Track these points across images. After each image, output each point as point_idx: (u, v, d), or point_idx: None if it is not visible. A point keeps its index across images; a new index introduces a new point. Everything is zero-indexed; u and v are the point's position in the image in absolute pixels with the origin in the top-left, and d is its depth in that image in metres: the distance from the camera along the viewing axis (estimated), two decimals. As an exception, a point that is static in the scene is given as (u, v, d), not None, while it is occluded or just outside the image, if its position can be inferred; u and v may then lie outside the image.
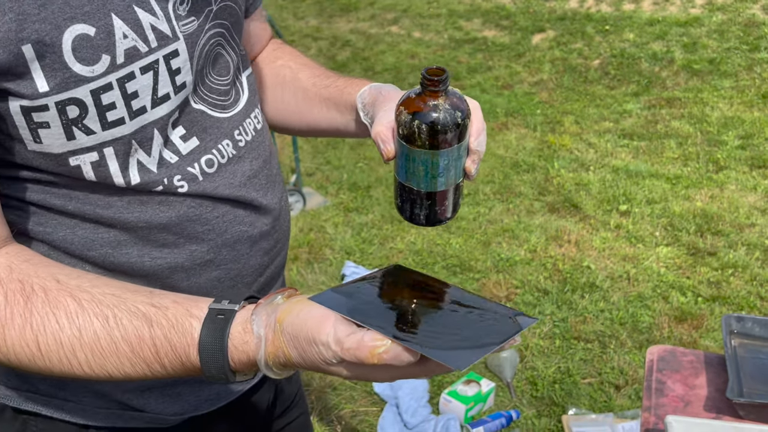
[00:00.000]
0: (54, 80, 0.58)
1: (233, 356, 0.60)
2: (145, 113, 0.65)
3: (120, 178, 0.66)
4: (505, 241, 3.18)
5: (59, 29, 0.57)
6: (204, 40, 0.70)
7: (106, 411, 0.77)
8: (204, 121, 0.72)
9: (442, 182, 0.68)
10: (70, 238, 0.68)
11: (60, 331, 0.59)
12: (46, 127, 0.60)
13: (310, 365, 0.58)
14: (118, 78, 0.62)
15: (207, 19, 0.70)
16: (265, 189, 0.79)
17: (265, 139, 0.82)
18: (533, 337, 2.49)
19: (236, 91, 0.78)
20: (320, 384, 2.27)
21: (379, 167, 4.14)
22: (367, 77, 6.13)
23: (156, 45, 0.64)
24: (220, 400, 0.84)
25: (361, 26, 7.31)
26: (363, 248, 3.17)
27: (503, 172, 3.97)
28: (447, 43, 6.61)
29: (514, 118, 4.91)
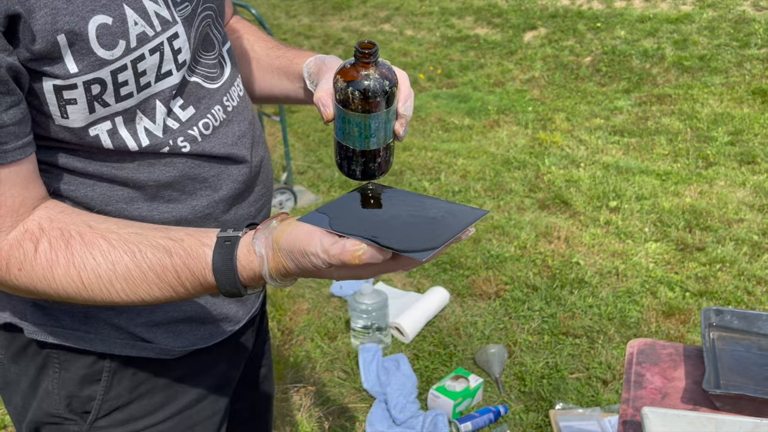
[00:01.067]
0: (82, 63, 0.69)
1: (242, 274, 0.70)
2: (149, 87, 0.75)
3: (132, 142, 0.77)
4: (495, 237, 3.19)
5: (84, 20, 0.67)
6: (197, 22, 0.80)
7: (122, 341, 0.87)
8: (198, 92, 0.83)
9: (374, 142, 0.77)
10: (90, 195, 0.79)
11: (97, 266, 0.70)
12: (73, 103, 0.71)
13: (306, 272, 0.68)
14: (132, 60, 0.72)
15: (199, 3, 0.80)
16: (252, 147, 0.90)
17: (248, 104, 0.93)
18: (522, 332, 2.50)
19: (221, 64, 0.88)
20: (309, 382, 2.28)
21: (371, 165, 4.15)
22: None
23: (160, 29, 0.74)
24: (213, 338, 0.94)
25: (353, 24, 7.31)
26: (353, 246, 3.18)
27: (494, 169, 3.98)
28: (439, 41, 6.62)
29: (506, 115, 4.92)
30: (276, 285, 0.72)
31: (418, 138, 4.58)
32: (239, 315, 0.97)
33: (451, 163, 4.11)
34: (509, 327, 2.54)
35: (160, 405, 0.92)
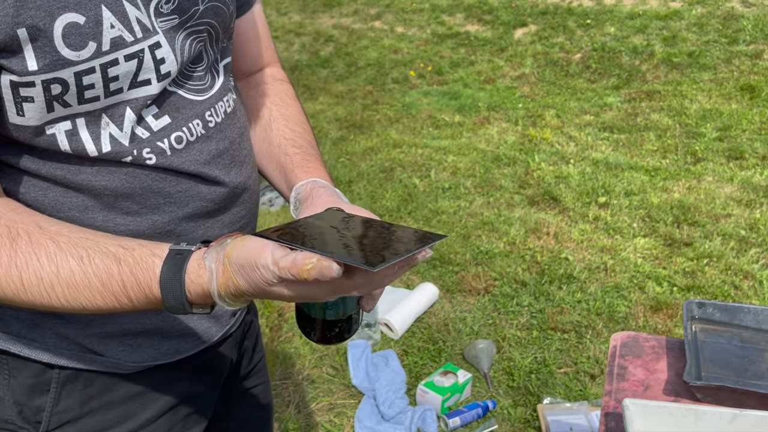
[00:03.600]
0: (43, 61, 0.65)
1: (189, 289, 0.66)
2: (120, 93, 0.71)
3: (92, 146, 0.72)
4: (485, 234, 3.20)
5: (52, 17, 0.63)
6: (185, 35, 0.76)
7: (69, 352, 0.83)
8: (177, 102, 0.78)
9: (331, 314, 0.72)
10: (41, 200, 0.74)
11: (40, 268, 0.66)
12: (30, 101, 0.67)
13: (256, 289, 0.64)
14: (102, 63, 0.68)
15: (191, 18, 0.76)
16: (229, 168, 0.84)
17: (236, 122, 0.87)
18: (510, 328, 2.51)
19: (212, 77, 0.83)
20: (298, 378, 2.28)
21: (361, 162, 4.15)
22: (350, 72, 6.10)
23: (141, 36, 0.70)
24: (179, 353, 0.89)
25: (344, 21, 7.30)
26: (343, 242, 3.18)
27: (484, 166, 3.99)
28: (430, 38, 6.62)
29: (496, 112, 4.92)
30: (225, 305, 0.67)
31: (408, 135, 4.59)
32: (211, 332, 0.92)
33: (441, 160, 4.11)
34: (498, 322, 2.55)
35: (116, 422, 0.86)
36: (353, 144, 4.45)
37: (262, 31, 0.97)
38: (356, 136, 4.59)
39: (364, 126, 4.79)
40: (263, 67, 0.98)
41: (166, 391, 0.89)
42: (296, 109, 0.95)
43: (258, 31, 0.96)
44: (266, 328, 2.53)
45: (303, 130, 0.92)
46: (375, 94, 5.51)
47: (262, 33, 0.97)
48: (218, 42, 0.83)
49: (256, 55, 0.96)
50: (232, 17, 0.86)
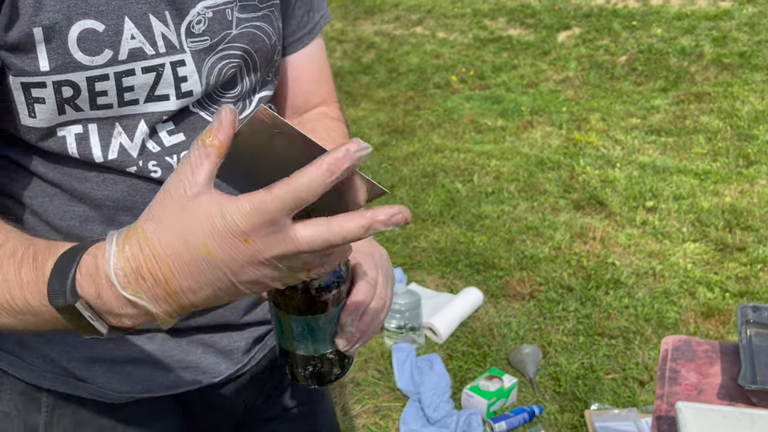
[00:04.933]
0: (55, 62, 0.64)
1: (81, 284, 0.51)
2: (135, 105, 0.69)
3: (99, 151, 0.70)
4: (529, 238, 3.18)
5: (69, 21, 0.63)
6: (215, 58, 0.74)
7: (53, 376, 0.79)
8: (196, 123, 0.75)
9: (301, 347, 0.62)
10: (47, 206, 0.72)
11: None
12: (41, 102, 0.66)
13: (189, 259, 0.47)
14: (117, 71, 0.67)
15: (222, 41, 0.74)
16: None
17: None
18: (556, 333, 2.49)
19: (243, 106, 0.81)
20: (344, 380, 2.30)
21: (403, 167, 4.16)
22: (391, 78, 6.13)
23: (164, 51, 0.69)
24: (176, 387, 0.81)
25: (385, 28, 7.35)
26: (386, 246, 3.19)
27: (528, 170, 3.96)
28: (471, 43, 6.61)
29: (540, 116, 4.88)
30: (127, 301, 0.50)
31: (450, 140, 4.59)
32: (219, 368, 0.83)
33: (484, 165, 4.10)
34: (544, 328, 2.52)
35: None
36: (395, 149, 4.47)
37: (318, 70, 0.93)
38: (398, 142, 4.61)
39: (406, 131, 4.81)
40: (317, 106, 0.94)
41: (158, 427, 0.84)
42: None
43: (313, 70, 0.93)
44: (312, 330, 2.57)
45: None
46: (417, 100, 5.53)
47: (318, 71, 0.94)
48: (256, 72, 0.81)
49: (309, 93, 0.93)
50: (274, 50, 0.83)
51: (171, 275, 0.48)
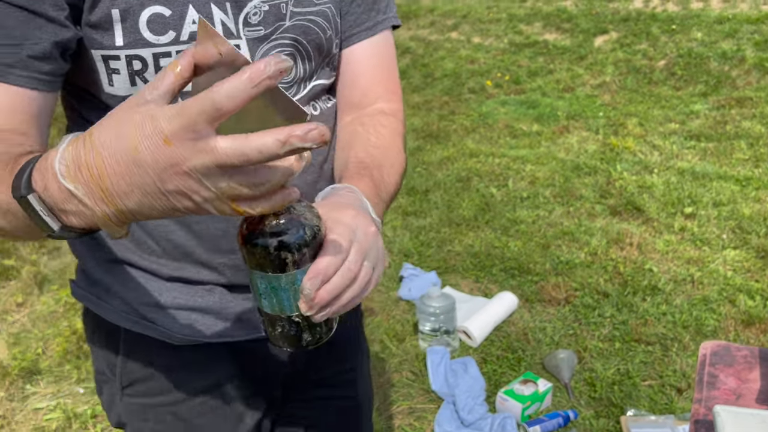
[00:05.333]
0: (127, 39, 0.74)
1: (35, 178, 0.55)
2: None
3: None
4: (565, 244, 3.16)
5: (142, 6, 0.74)
6: (269, 46, 0.82)
7: (127, 316, 0.90)
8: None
9: (266, 305, 0.63)
10: None
11: None
12: (117, 73, 0.77)
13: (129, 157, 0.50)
14: (178, 50, 0.76)
15: (276, 31, 0.82)
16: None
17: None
18: (592, 339, 2.47)
19: (296, 90, 0.87)
20: (379, 380, 2.33)
21: (438, 172, 4.18)
22: (426, 83, 6.14)
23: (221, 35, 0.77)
24: (230, 337, 0.90)
25: (420, 33, 7.38)
26: (421, 251, 3.22)
27: (564, 175, 3.94)
28: (507, 48, 6.59)
29: (576, 121, 4.85)
30: (69, 193, 0.53)
31: (485, 145, 4.59)
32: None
33: (519, 170, 4.09)
34: (579, 333, 2.51)
35: (174, 386, 0.92)
36: (429, 154, 4.49)
37: (377, 66, 0.93)
38: (432, 146, 4.63)
39: (441, 136, 4.83)
40: (376, 101, 0.93)
41: (213, 370, 0.92)
42: (386, 140, 0.88)
43: (371, 66, 0.93)
44: (347, 332, 2.60)
45: (380, 154, 0.85)
46: (451, 105, 5.54)
47: (377, 68, 0.93)
48: (310, 61, 0.87)
49: (366, 88, 0.93)
50: (330, 42, 0.88)
51: (104, 171, 0.51)
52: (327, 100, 0.93)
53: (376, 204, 0.76)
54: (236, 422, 0.94)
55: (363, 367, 1.12)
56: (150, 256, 0.88)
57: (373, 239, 0.65)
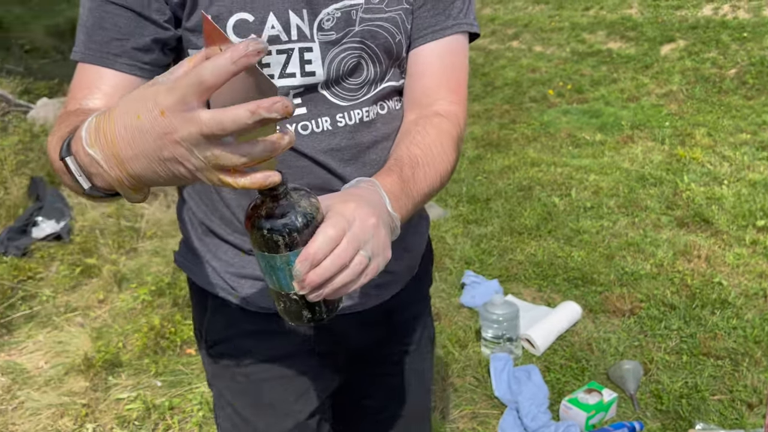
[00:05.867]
0: None
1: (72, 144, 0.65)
2: (272, 79, 0.87)
3: None
4: (630, 255, 3.13)
5: (230, 12, 0.84)
6: (339, 49, 0.89)
7: (214, 283, 1.01)
8: (318, 100, 0.90)
9: (269, 281, 0.70)
10: None
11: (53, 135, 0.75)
12: None
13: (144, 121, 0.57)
14: None
15: (346, 35, 0.89)
16: (347, 163, 0.93)
17: (372, 131, 0.94)
18: (658, 351, 2.44)
19: (364, 92, 0.93)
20: (443, 384, 2.37)
21: (498, 180, 4.19)
22: (487, 92, 6.15)
23: (296, 38, 0.86)
24: None
25: (481, 42, 7.39)
26: (482, 258, 3.24)
27: (628, 185, 3.89)
28: (569, 57, 6.54)
29: (641, 131, 4.77)
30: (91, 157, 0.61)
31: (547, 154, 4.57)
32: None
33: (582, 179, 4.06)
34: (645, 345, 2.49)
35: (248, 351, 1.01)
36: (490, 162, 4.51)
37: (442, 66, 0.95)
38: (493, 155, 4.64)
39: (501, 145, 4.83)
40: (437, 102, 0.95)
41: (284, 341, 1.00)
42: (430, 140, 0.90)
43: (435, 66, 0.95)
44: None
45: (420, 153, 0.88)
46: (512, 113, 5.53)
47: (442, 67, 0.95)
48: (381, 64, 0.93)
49: (427, 88, 0.95)
50: (399, 46, 0.93)
51: (115, 138, 0.59)
52: (397, 101, 0.99)
53: (398, 199, 0.79)
54: (301, 394, 1.02)
55: (422, 347, 1.17)
56: (234, 232, 0.97)
57: (371, 230, 0.69)
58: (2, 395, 2.43)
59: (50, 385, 2.47)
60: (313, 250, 0.65)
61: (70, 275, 3.19)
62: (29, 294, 3.05)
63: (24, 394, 2.42)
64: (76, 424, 2.28)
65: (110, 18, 0.82)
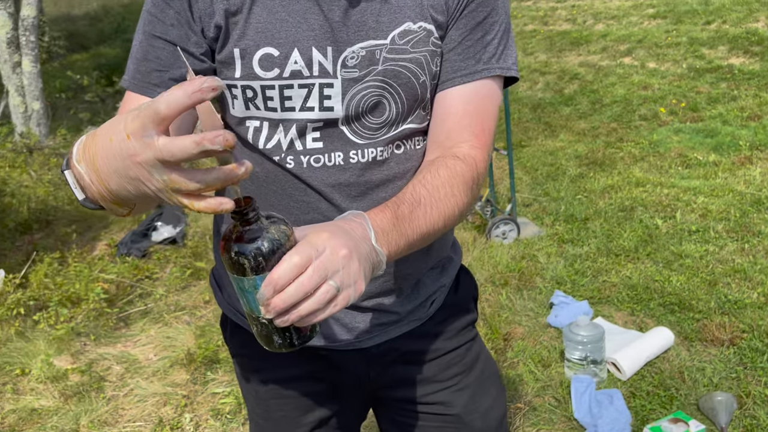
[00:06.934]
0: (243, 72, 0.90)
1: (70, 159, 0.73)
2: (293, 111, 0.92)
3: (262, 141, 0.95)
4: (735, 282, 2.95)
5: (257, 47, 0.89)
6: (361, 86, 0.91)
7: (230, 309, 1.09)
8: (335, 136, 0.93)
9: (242, 303, 0.72)
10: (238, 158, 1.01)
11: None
12: (236, 98, 0.93)
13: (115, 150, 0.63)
14: (280, 84, 0.90)
15: (369, 74, 0.91)
16: (353, 199, 0.95)
17: (384, 169, 0.96)
18: (758, 384, 2.29)
19: (384, 132, 0.95)
20: (520, 403, 2.35)
21: (599, 200, 4.08)
22: (594, 110, 6.02)
23: (317, 74, 0.90)
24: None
25: (591, 59, 7.21)
26: (575, 279, 3.17)
27: (741, 209, 3.66)
28: (685, 73, 6.23)
29: (761, 151, 4.47)
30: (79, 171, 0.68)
31: (654, 174, 4.39)
32: (341, 336, 1.02)
33: (689, 201, 3.87)
34: (743, 377, 2.34)
35: (258, 369, 1.09)
36: (592, 181, 4.39)
37: (468, 110, 0.95)
38: (596, 174, 4.52)
39: (606, 163, 4.69)
40: (459, 144, 0.94)
41: (289, 366, 1.07)
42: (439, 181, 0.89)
43: (461, 108, 0.95)
44: (492, 351, 2.65)
45: (425, 193, 0.88)
46: (620, 132, 5.36)
47: (468, 111, 0.95)
48: (402, 104, 0.93)
49: (451, 130, 0.95)
50: (424, 87, 0.94)
51: (96, 154, 0.66)
52: (417, 143, 0.99)
53: (387, 234, 0.79)
54: (303, 412, 1.10)
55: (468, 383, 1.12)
56: None
57: (342, 261, 0.69)
58: (116, 382, 2.70)
59: (156, 376, 2.71)
60: (276, 275, 0.67)
61: (181, 276, 3.48)
62: (145, 292, 3.36)
63: (134, 382, 2.68)
64: (176, 412, 2.48)
65: (154, 51, 0.90)
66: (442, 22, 0.93)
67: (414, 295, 1.06)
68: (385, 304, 1.03)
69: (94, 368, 2.78)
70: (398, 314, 1.04)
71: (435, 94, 0.97)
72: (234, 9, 0.89)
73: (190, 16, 0.89)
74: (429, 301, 1.08)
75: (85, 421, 2.45)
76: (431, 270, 1.08)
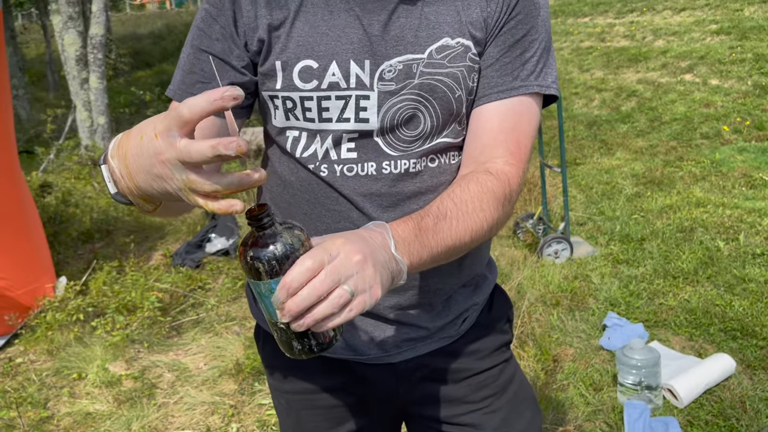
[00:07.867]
0: (284, 83, 0.93)
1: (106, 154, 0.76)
2: (330, 123, 0.94)
3: (300, 150, 0.97)
4: (803, 308, 2.79)
5: (297, 59, 0.92)
6: (397, 99, 0.92)
7: (261, 318, 1.12)
8: (370, 147, 0.95)
9: (262, 308, 0.73)
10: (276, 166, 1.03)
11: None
12: (278, 109, 0.96)
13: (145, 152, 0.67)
14: (318, 95, 0.92)
15: (405, 87, 0.92)
16: (385, 209, 0.97)
17: (416, 181, 0.96)
18: (828, 419, 2.16)
19: (418, 145, 0.95)
20: (569, 427, 2.28)
21: (657, 220, 3.95)
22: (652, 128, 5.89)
23: (354, 86, 0.92)
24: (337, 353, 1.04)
25: (650, 76, 7.04)
26: (629, 301, 3.07)
27: (810, 232, 3.48)
28: (750, 90, 6.01)
29: (832, 171, 4.25)
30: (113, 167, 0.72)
31: (715, 194, 4.23)
32: (370, 351, 1.03)
33: (753, 223, 3.70)
34: (811, 410, 2.21)
35: (287, 381, 1.10)
36: (650, 201, 4.26)
37: (503, 126, 0.94)
38: (654, 193, 4.39)
39: (664, 183, 4.55)
40: (493, 159, 0.93)
41: (318, 377, 1.08)
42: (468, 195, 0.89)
43: (496, 123, 0.94)
44: (541, 372, 2.59)
45: (453, 206, 0.87)
46: (679, 150, 5.19)
47: (503, 127, 0.94)
48: (438, 117, 0.94)
49: (485, 146, 0.94)
50: (460, 101, 0.94)
51: (128, 151, 0.69)
52: (452, 157, 0.98)
53: (408, 244, 0.79)
54: (334, 424, 1.10)
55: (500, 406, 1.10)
56: None
57: (356, 266, 0.70)
58: (167, 389, 2.76)
59: (206, 385, 2.75)
60: (289, 279, 0.68)
61: (232, 287, 3.54)
62: (198, 302, 3.43)
63: (184, 390, 2.73)
64: (223, 422, 2.52)
65: (199, 64, 0.94)
66: (481, 38, 0.93)
67: (445, 311, 1.05)
68: (414, 318, 1.02)
69: (146, 375, 2.85)
70: (428, 330, 1.04)
71: (471, 110, 0.96)
72: (277, 23, 0.92)
73: (234, 30, 0.92)
74: (460, 319, 1.07)
75: (137, 427, 2.50)
76: (463, 287, 1.06)
